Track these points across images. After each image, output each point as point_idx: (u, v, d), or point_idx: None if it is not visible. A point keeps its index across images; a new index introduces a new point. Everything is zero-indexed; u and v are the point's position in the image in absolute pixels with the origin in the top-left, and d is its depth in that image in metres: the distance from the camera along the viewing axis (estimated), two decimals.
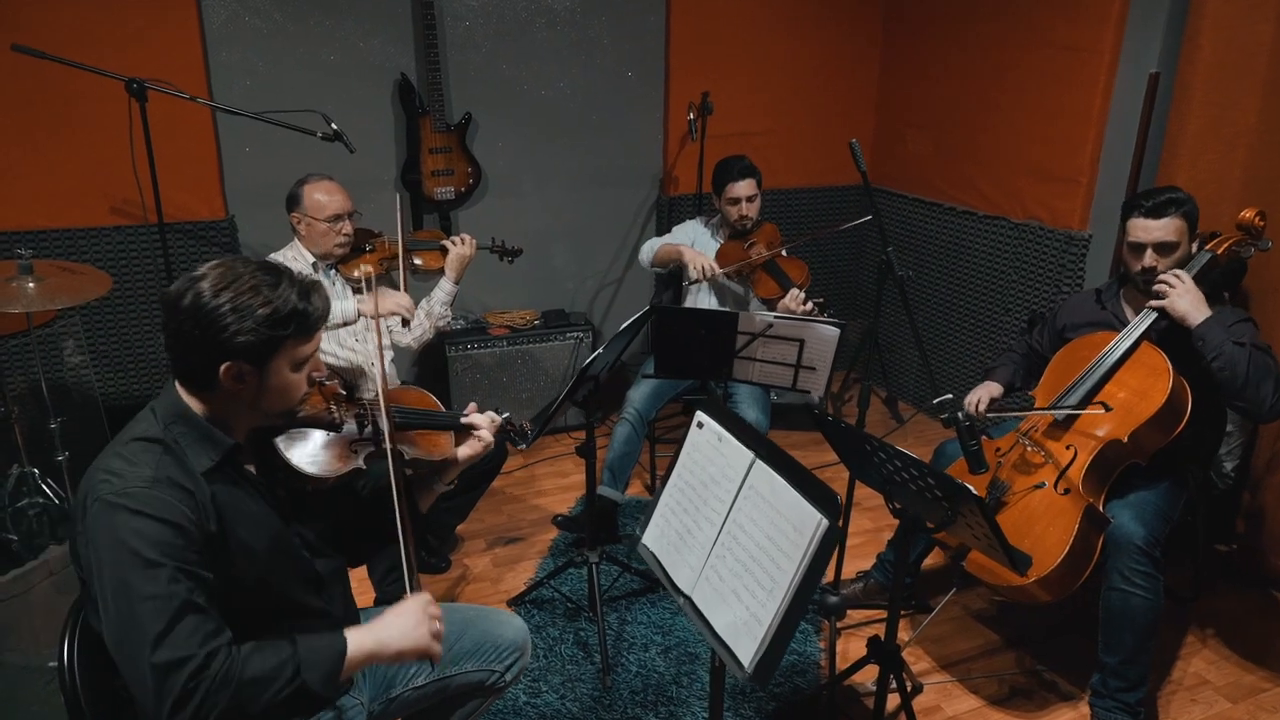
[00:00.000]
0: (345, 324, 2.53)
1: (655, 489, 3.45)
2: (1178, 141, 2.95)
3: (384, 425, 1.53)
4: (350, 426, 1.54)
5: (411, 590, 1.43)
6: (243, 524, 1.31)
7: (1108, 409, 2.14)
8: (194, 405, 1.31)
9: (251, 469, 1.40)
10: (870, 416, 1.84)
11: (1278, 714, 2.29)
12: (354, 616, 1.58)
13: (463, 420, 1.71)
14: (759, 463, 1.55)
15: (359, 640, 1.30)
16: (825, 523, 1.38)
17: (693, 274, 2.99)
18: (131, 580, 1.16)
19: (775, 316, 2.40)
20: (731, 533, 1.56)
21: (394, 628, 1.34)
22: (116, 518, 1.18)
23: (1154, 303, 2.20)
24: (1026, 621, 2.64)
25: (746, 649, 1.45)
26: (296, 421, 1.46)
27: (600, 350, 2.13)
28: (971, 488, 1.62)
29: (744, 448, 1.59)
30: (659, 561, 1.72)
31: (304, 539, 1.46)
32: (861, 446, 1.88)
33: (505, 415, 1.79)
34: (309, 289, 1.31)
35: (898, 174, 4.17)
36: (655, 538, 1.76)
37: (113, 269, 3.18)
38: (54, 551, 2.25)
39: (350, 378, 2.67)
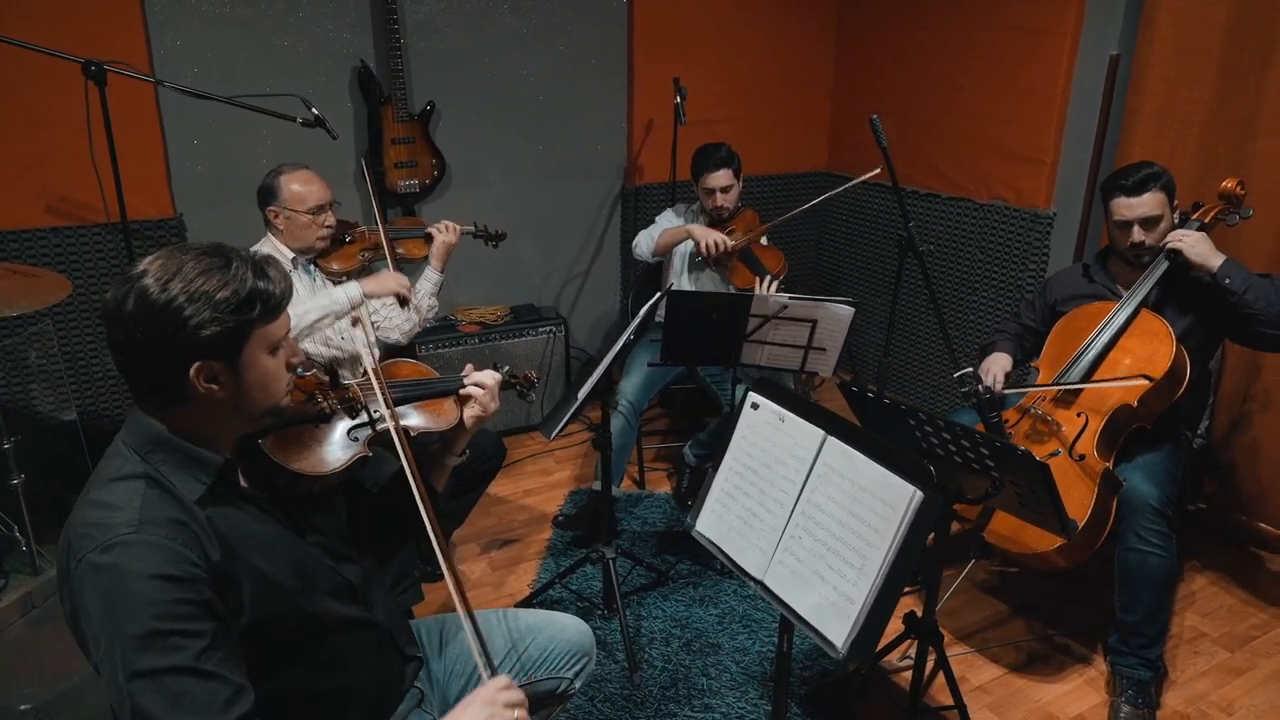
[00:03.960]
0: (352, 308, 2.40)
1: (643, 483, 3.39)
2: (1135, 121, 3.07)
3: (380, 404, 1.41)
4: (343, 412, 1.41)
5: (482, 668, 1.24)
6: (254, 550, 1.16)
7: (1150, 380, 2.16)
8: (167, 427, 1.14)
9: (247, 486, 1.24)
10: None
11: (1273, 658, 2.41)
12: (399, 622, 1.46)
13: (466, 382, 1.61)
14: (832, 439, 1.52)
15: None
16: (920, 495, 1.36)
17: (704, 249, 2.92)
18: (125, 655, 1.01)
19: (790, 297, 2.38)
20: (806, 513, 1.52)
21: None
22: (102, 580, 1.03)
23: (1174, 243, 2.23)
24: (1028, 590, 2.70)
25: (838, 629, 1.42)
26: (285, 420, 1.29)
27: (627, 334, 2.07)
28: (1034, 453, 1.63)
29: (813, 426, 1.55)
30: (719, 548, 1.67)
31: (325, 548, 1.33)
32: (904, 421, 1.87)
33: (506, 369, 1.71)
34: (263, 264, 1.16)
35: (857, 161, 4.22)
36: (712, 524, 1.71)
37: (65, 273, 2.85)
38: (28, 584, 2.04)
39: (336, 365, 2.54)
